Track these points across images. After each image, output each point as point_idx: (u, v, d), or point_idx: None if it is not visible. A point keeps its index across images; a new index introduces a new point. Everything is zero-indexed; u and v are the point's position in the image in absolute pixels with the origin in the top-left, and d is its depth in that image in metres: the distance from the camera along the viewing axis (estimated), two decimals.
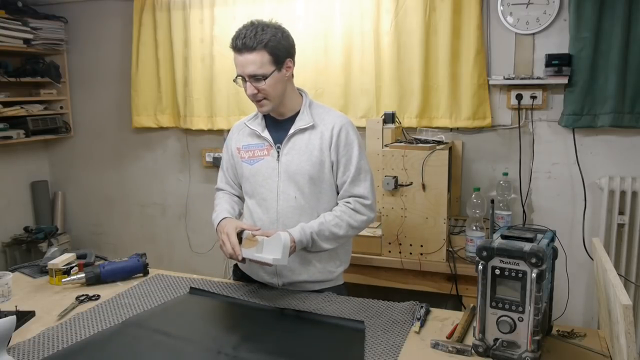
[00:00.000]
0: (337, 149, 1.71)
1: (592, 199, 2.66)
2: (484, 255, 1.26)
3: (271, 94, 1.66)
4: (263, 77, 1.62)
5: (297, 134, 1.72)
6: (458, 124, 2.79)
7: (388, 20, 2.82)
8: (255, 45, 1.60)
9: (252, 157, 1.77)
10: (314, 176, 1.71)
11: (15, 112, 3.44)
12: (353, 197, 1.73)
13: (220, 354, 1.32)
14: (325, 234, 1.67)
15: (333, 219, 1.69)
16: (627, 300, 1.06)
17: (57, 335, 1.44)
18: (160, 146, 3.61)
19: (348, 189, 1.73)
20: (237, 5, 3.11)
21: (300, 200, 1.71)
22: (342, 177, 1.73)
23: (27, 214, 3.83)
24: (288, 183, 1.72)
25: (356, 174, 1.72)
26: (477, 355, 1.29)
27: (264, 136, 1.75)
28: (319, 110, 1.76)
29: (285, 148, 1.73)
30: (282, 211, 1.72)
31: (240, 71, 1.65)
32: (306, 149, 1.71)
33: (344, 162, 1.72)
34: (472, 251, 2.30)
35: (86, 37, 3.68)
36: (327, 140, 1.71)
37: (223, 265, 3.48)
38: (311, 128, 1.72)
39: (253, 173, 1.77)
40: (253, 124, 1.79)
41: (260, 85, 1.63)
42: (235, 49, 1.64)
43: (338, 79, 2.96)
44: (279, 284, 1.78)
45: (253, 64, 1.61)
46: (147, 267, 1.91)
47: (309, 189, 1.71)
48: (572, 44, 2.54)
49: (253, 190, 1.78)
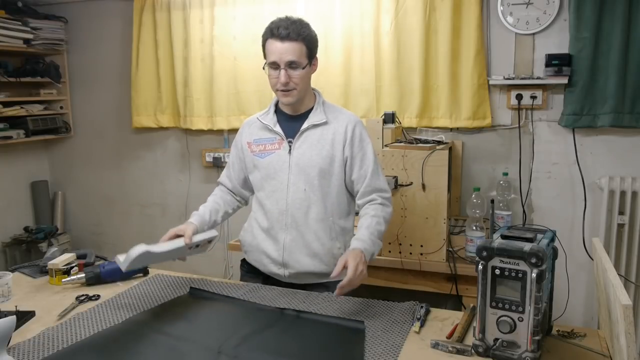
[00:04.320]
0: (352, 145, 1.77)
1: (592, 199, 2.66)
2: (484, 255, 1.26)
3: (300, 85, 1.72)
4: (299, 66, 1.70)
5: (310, 129, 1.77)
6: (458, 124, 2.80)
7: (388, 20, 2.82)
8: (297, 36, 1.69)
9: (263, 151, 1.82)
10: (324, 169, 1.76)
11: (15, 112, 3.44)
12: (376, 192, 1.78)
13: (220, 353, 1.32)
14: (376, 235, 1.71)
15: (372, 219, 1.73)
16: (627, 300, 1.06)
17: (57, 335, 1.44)
18: (160, 146, 3.61)
19: (370, 182, 1.77)
20: (237, 5, 3.11)
21: (309, 192, 1.77)
22: (360, 170, 1.78)
23: (27, 214, 3.83)
24: (298, 175, 1.77)
25: (375, 167, 1.79)
26: (477, 355, 1.29)
27: (276, 130, 1.80)
28: (331, 109, 1.83)
29: (297, 142, 1.78)
30: (291, 202, 1.77)
31: (278, 58, 1.69)
32: (317, 143, 1.77)
33: (360, 157, 1.78)
34: (472, 251, 2.30)
35: (86, 37, 3.68)
36: (340, 136, 1.77)
37: (223, 265, 3.49)
38: (324, 124, 1.78)
39: (264, 165, 1.81)
40: (265, 119, 1.83)
41: (294, 74, 1.70)
42: (278, 37, 1.68)
43: (338, 79, 2.96)
44: (285, 274, 1.82)
45: (293, 53, 1.68)
46: (147, 267, 1.91)
47: (318, 181, 1.76)
48: (572, 44, 2.54)
49: (263, 183, 1.83)
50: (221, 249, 3.35)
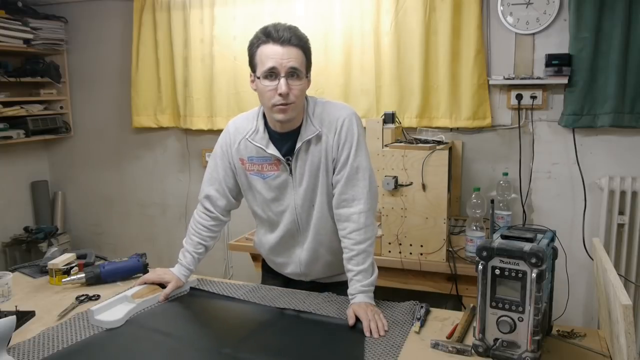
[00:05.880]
0: (337, 145, 1.61)
1: (592, 199, 2.66)
2: (484, 255, 1.26)
3: (298, 99, 1.53)
4: (300, 75, 1.51)
5: (303, 146, 1.61)
6: (458, 124, 2.79)
7: (388, 20, 2.82)
8: (298, 42, 1.50)
9: (261, 171, 1.66)
10: (329, 182, 1.65)
11: (15, 112, 3.44)
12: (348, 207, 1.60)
13: (220, 353, 1.32)
14: (368, 274, 1.59)
15: (358, 258, 1.58)
16: (627, 300, 1.06)
17: (57, 335, 1.44)
18: (160, 146, 3.61)
19: (343, 189, 1.60)
20: (237, 5, 3.11)
21: (317, 208, 1.67)
22: (337, 175, 1.62)
23: (27, 214, 3.83)
24: (304, 195, 1.66)
25: (351, 172, 1.60)
26: (477, 355, 1.29)
27: (270, 152, 1.62)
28: (318, 111, 1.63)
29: (296, 163, 1.63)
30: (301, 221, 1.69)
31: (278, 64, 1.48)
32: (316, 158, 1.62)
33: (343, 159, 1.61)
34: (472, 251, 2.29)
35: (86, 37, 3.68)
36: (330, 141, 1.62)
37: (223, 265, 3.49)
38: (316, 138, 1.61)
39: (267, 187, 1.68)
40: (256, 140, 1.63)
41: (295, 84, 1.50)
42: (278, 40, 1.48)
43: (338, 79, 2.96)
44: (306, 280, 1.81)
45: (296, 59, 1.49)
46: (147, 267, 1.91)
47: (323, 197, 1.66)
48: (572, 44, 2.54)
49: (269, 204, 1.70)
50: (221, 249, 3.36)
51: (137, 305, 1.58)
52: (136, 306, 1.58)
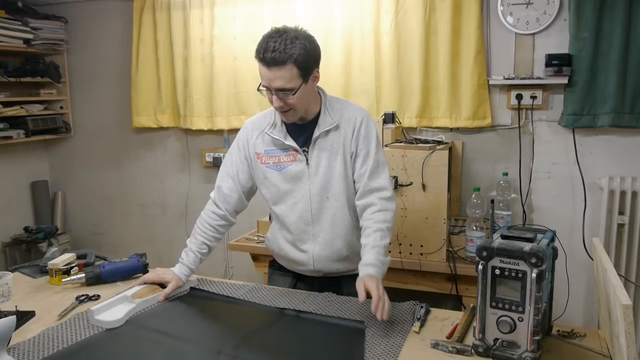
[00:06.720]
0: (357, 141, 1.71)
1: (592, 199, 2.66)
2: (484, 255, 1.26)
3: (298, 105, 1.63)
4: (291, 91, 1.58)
5: (321, 136, 1.71)
6: (458, 124, 2.79)
7: (388, 20, 2.82)
8: (285, 59, 1.54)
9: (278, 163, 1.74)
10: (343, 174, 1.72)
11: (15, 112, 3.44)
12: (375, 193, 1.69)
13: (220, 354, 1.32)
14: (382, 253, 1.62)
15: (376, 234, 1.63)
16: (627, 300, 1.06)
17: (57, 335, 1.44)
18: (160, 146, 3.61)
19: (368, 182, 1.70)
20: (237, 5, 3.11)
21: (332, 200, 1.73)
22: (360, 169, 1.71)
23: (27, 214, 3.83)
24: (320, 185, 1.72)
25: (375, 165, 1.71)
26: (477, 355, 1.29)
27: (288, 144, 1.71)
28: (337, 107, 1.75)
29: (313, 152, 1.71)
30: (316, 213, 1.73)
31: (267, 84, 1.60)
32: (332, 149, 1.71)
33: (363, 154, 1.71)
34: (472, 251, 2.30)
35: (86, 37, 3.68)
36: (349, 134, 1.71)
37: (223, 265, 3.49)
38: (334, 128, 1.71)
39: (282, 179, 1.74)
40: (274, 133, 1.73)
41: (287, 99, 1.60)
42: (264, 61, 1.56)
43: (338, 79, 2.96)
44: (317, 275, 1.84)
45: (281, 79, 1.56)
46: (147, 267, 1.91)
47: (339, 187, 1.72)
48: (572, 44, 2.54)
49: (283, 196, 1.76)
50: (221, 249, 3.35)
51: (137, 305, 1.58)
52: (136, 306, 1.58)
